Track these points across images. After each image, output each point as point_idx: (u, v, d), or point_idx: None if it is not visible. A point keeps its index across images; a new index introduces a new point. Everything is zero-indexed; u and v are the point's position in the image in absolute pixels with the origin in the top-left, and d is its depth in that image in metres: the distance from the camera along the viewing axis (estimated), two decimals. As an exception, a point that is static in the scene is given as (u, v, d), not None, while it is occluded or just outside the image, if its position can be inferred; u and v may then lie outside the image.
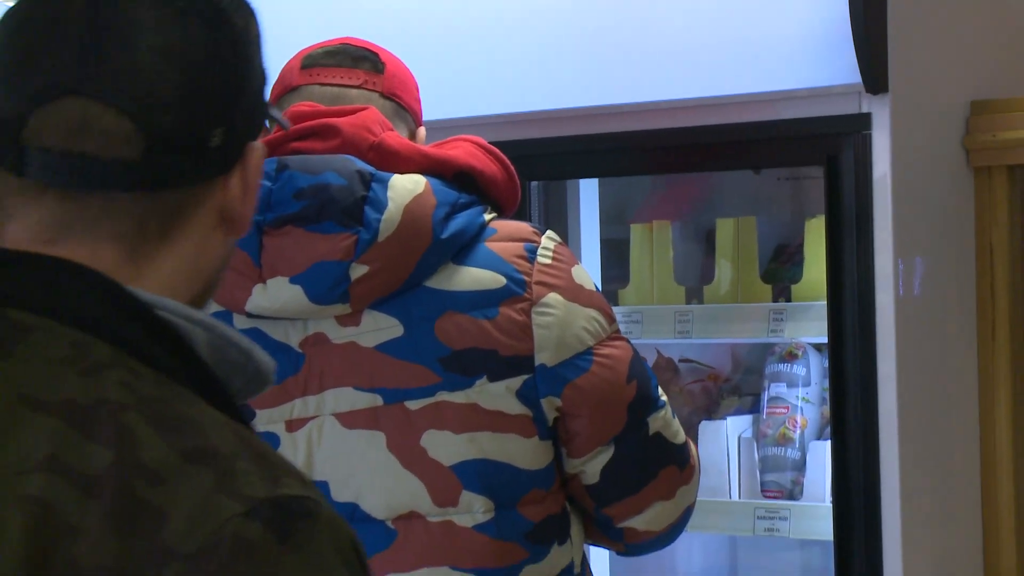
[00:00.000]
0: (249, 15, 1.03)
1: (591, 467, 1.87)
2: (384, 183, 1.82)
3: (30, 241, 0.95)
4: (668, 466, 1.91)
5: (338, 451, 1.84)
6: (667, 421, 1.92)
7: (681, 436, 1.95)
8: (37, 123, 0.94)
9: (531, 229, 1.92)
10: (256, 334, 1.84)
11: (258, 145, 1.03)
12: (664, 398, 1.94)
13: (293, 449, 1.86)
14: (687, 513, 1.95)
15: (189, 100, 0.96)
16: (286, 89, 1.96)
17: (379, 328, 1.83)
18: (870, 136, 2.31)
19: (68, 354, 0.92)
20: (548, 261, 1.86)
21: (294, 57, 1.98)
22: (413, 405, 1.82)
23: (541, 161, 2.55)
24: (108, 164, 0.95)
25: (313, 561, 0.87)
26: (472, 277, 1.84)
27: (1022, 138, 2.52)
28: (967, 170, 2.46)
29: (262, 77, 1.05)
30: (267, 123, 1.68)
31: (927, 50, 2.41)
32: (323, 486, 1.86)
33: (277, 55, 1.72)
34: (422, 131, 1.97)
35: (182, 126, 0.96)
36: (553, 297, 1.83)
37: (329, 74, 1.94)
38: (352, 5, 2.68)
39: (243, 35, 1.02)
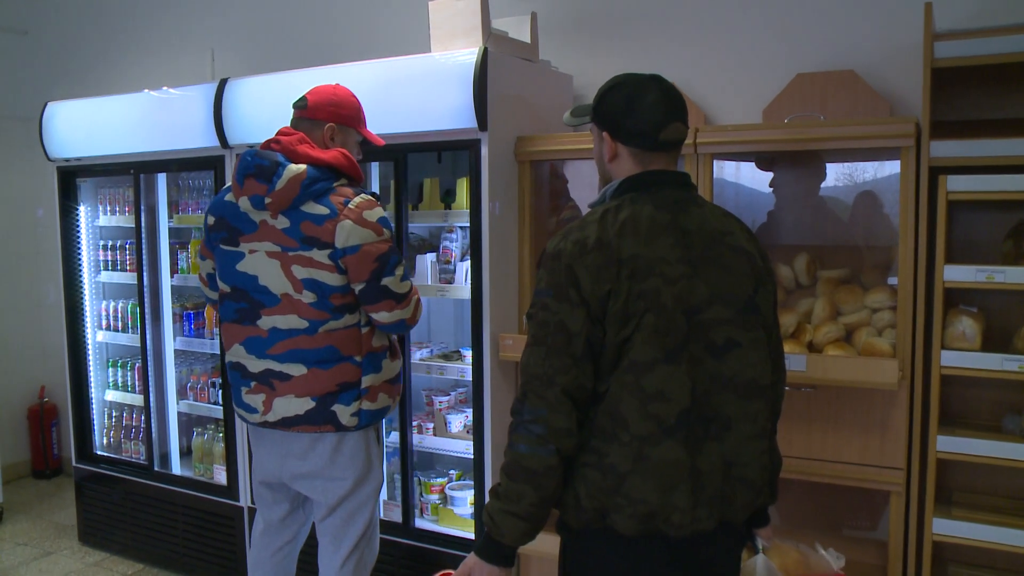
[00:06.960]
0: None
1: (357, 288, 2.51)
2: (285, 167, 2.44)
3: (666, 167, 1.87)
4: (387, 300, 2.53)
5: (264, 265, 2.48)
6: (394, 282, 2.50)
7: (404, 288, 2.52)
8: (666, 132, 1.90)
9: (352, 192, 2.47)
10: (246, 215, 2.52)
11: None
12: (399, 271, 2.51)
13: (252, 261, 2.46)
14: (403, 321, 2.59)
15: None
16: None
17: (282, 222, 2.47)
18: (481, 147, 3.11)
19: (696, 198, 1.90)
20: (353, 207, 2.45)
21: None
22: (290, 253, 2.45)
23: (371, 154, 3.15)
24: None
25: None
26: (318, 208, 2.45)
27: (532, 151, 3.31)
28: (515, 163, 3.28)
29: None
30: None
31: (502, 117, 3.12)
32: (255, 278, 2.47)
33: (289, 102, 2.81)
34: (330, 126, 2.56)
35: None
36: (347, 222, 2.45)
37: (296, 112, 2.67)
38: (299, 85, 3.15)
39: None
